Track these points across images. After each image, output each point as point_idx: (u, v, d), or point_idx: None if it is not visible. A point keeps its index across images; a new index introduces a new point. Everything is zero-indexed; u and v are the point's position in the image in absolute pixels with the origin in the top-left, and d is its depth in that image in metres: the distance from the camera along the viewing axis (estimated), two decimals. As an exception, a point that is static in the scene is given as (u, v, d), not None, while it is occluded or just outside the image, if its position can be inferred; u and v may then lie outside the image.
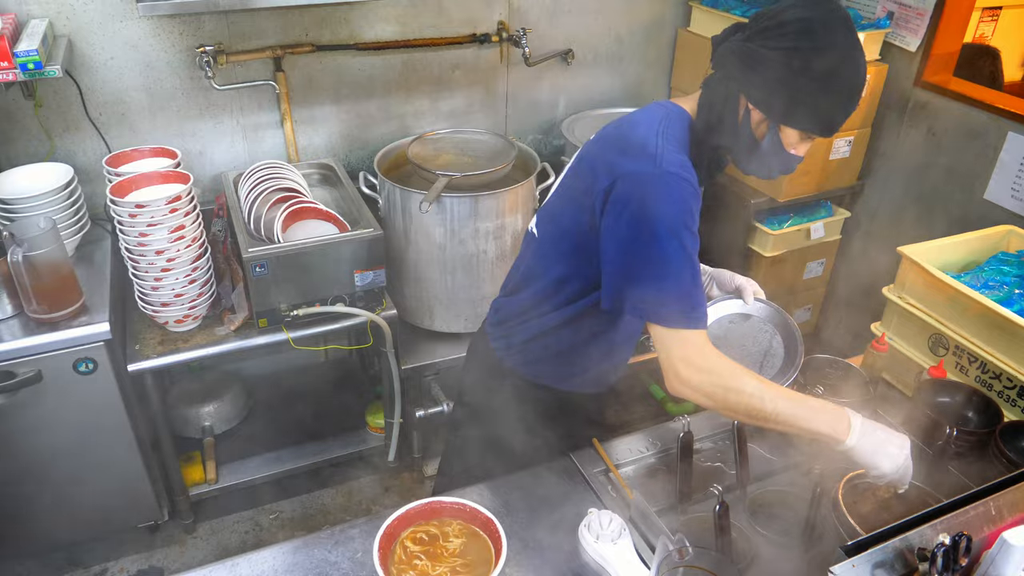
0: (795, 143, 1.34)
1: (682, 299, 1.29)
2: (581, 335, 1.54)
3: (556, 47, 3.02)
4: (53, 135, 2.48)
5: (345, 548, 1.40)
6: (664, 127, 1.36)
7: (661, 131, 1.34)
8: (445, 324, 2.66)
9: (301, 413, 2.93)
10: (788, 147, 1.33)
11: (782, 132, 1.32)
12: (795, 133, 1.32)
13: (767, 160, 1.36)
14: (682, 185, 1.29)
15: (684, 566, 1.23)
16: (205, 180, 2.75)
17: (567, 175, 1.52)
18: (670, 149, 1.32)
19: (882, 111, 2.99)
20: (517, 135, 3.15)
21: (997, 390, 1.77)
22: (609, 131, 1.45)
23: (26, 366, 2.06)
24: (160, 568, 2.57)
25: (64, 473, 2.27)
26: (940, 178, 2.85)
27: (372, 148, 2.87)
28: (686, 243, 1.29)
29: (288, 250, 2.24)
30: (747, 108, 1.32)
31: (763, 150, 1.34)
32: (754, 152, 1.36)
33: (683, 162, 1.32)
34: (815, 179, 3.00)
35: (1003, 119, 2.60)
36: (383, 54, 2.77)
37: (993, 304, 1.77)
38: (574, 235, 1.44)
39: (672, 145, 1.33)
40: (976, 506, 1.13)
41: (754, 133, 1.34)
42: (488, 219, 2.44)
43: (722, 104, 1.35)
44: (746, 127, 1.34)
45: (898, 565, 1.06)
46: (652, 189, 1.29)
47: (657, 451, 1.67)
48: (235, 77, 2.61)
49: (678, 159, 1.31)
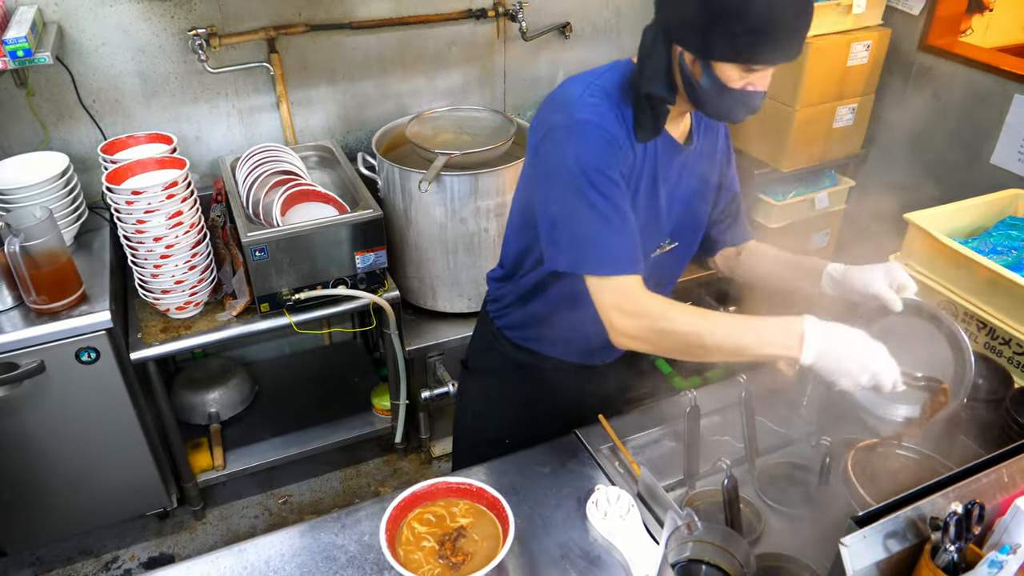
0: (736, 78, 1.22)
1: (603, 245, 1.27)
2: (551, 300, 1.52)
3: (553, 21, 2.98)
4: (47, 123, 2.46)
5: (352, 531, 1.40)
6: (595, 79, 1.33)
7: (588, 84, 1.32)
8: (448, 304, 2.65)
9: (307, 397, 2.93)
10: (732, 83, 1.22)
11: (716, 68, 1.22)
12: (728, 66, 1.20)
13: (720, 102, 1.26)
14: (591, 130, 1.26)
15: (693, 541, 1.22)
16: (202, 165, 2.73)
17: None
18: (589, 100, 1.29)
19: (885, 77, 2.95)
20: (515, 111, 3.12)
21: (1007, 356, 1.75)
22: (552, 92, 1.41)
23: (28, 357, 2.05)
24: (171, 555, 2.59)
25: (71, 463, 2.27)
26: (946, 143, 2.82)
27: (370, 129, 2.84)
28: (603, 189, 1.26)
29: (287, 233, 2.22)
30: (679, 51, 1.26)
31: (706, 91, 1.25)
32: (702, 95, 1.27)
33: (599, 109, 1.28)
34: (818, 148, 2.96)
35: (1009, 81, 2.56)
36: (378, 32, 2.74)
37: (1002, 269, 1.74)
38: (526, 202, 1.44)
39: (594, 95, 1.30)
40: (988, 473, 1.12)
41: (692, 74, 1.26)
42: (488, 197, 2.41)
43: (652, 48, 1.29)
44: (684, 70, 1.26)
45: (910, 535, 1.05)
46: (562, 139, 1.28)
47: (664, 426, 1.66)
48: (229, 60, 2.57)
49: (593, 107, 1.28)
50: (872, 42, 2.81)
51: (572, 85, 1.34)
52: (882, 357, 1.22)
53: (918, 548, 1.06)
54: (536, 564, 1.33)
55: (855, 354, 1.21)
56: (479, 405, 1.78)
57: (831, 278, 1.48)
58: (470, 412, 1.82)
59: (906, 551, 1.05)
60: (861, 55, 2.82)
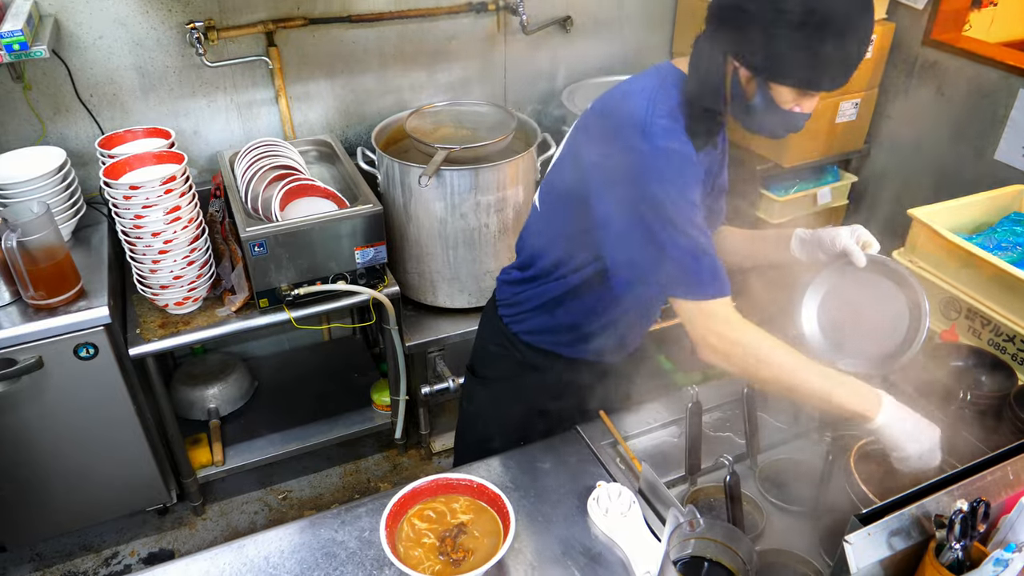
0: (790, 100, 1.25)
1: (697, 272, 1.28)
2: (585, 307, 1.53)
3: (554, 14, 2.96)
4: (44, 118, 2.44)
5: (352, 527, 1.39)
6: (655, 95, 1.31)
7: (652, 100, 1.30)
8: (449, 300, 2.63)
9: (306, 393, 2.92)
10: (783, 104, 1.25)
11: (772, 89, 1.24)
12: (786, 89, 1.24)
13: (765, 119, 1.28)
14: (675, 158, 1.26)
15: (695, 537, 1.21)
16: (201, 160, 2.71)
17: (565, 148, 1.50)
18: (661, 122, 1.27)
19: (889, 72, 2.93)
20: (516, 106, 3.10)
21: (1011, 352, 1.73)
22: (602, 103, 1.41)
23: (26, 353, 2.04)
24: (171, 550, 2.58)
25: (70, 459, 2.26)
26: (949, 139, 2.80)
27: (369, 123, 2.83)
28: (691, 216, 1.27)
29: (287, 228, 2.21)
30: (735, 66, 1.26)
31: (756, 109, 1.27)
32: (750, 112, 1.28)
33: (675, 132, 1.27)
34: (821, 143, 2.95)
35: (1014, 76, 2.53)
36: (377, 26, 2.72)
37: (1006, 265, 1.73)
38: (573, 209, 1.42)
39: (663, 115, 1.28)
40: (993, 471, 1.11)
41: (745, 91, 1.27)
42: (489, 192, 2.40)
43: (708, 63, 1.28)
44: (736, 86, 1.27)
45: (914, 532, 1.04)
46: (647, 167, 1.26)
47: (665, 422, 1.65)
48: (227, 54, 2.56)
49: (669, 131, 1.27)
50: (876, 36, 2.80)
51: (631, 101, 1.32)
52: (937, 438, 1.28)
53: (922, 546, 1.05)
54: (537, 561, 1.32)
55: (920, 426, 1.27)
56: (490, 412, 1.76)
57: (800, 239, 1.53)
58: (480, 419, 1.79)
59: (910, 549, 1.04)
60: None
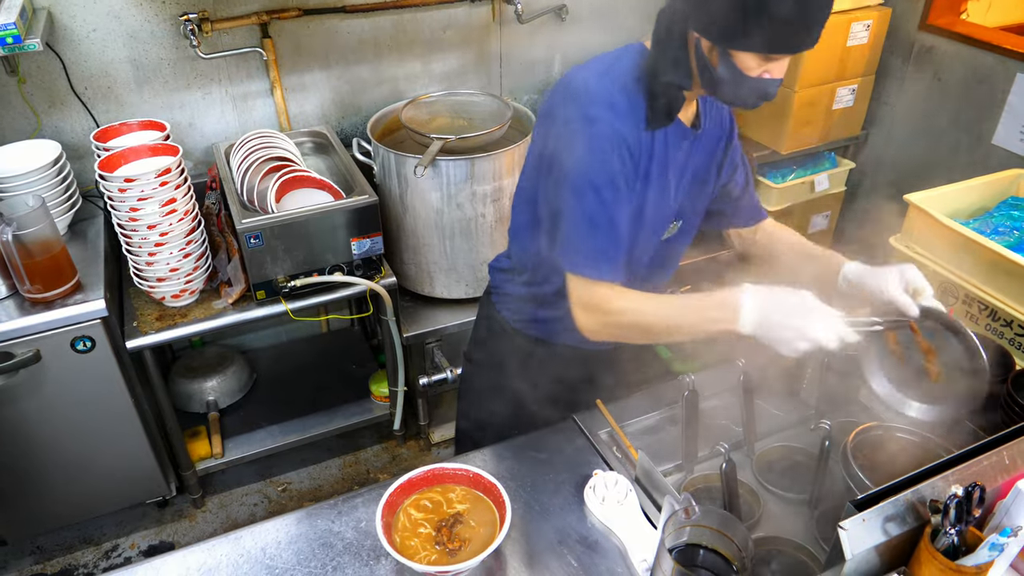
0: (755, 66, 1.21)
1: (590, 248, 1.29)
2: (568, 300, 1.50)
3: (549, 2, 2.94)
4: (39, 111, 2.43)
5: (349, 518, 1.39)
6: (607, 67, 1.30)
7: (601, 72, 1.30)
8: (446, 290, 2.63)
9: (305, 385, 2.92)
10: (749, 71, 1.21)
11: (735, 57, 1.20)
12: (748, 55, 1.20)
13: (734, 88, 1.24)
14: (600, 129, 1.25)
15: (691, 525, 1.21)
16: (196, 152, 2.70)
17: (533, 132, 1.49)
18: (604, 93, 1.27)
19: (886, 57, 2.91)
20: (512, 95, 3.09)
21: (1008, 338, 1.73)
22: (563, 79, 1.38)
23: (23, 346, 2.04)
24: (171, 543, 2.59)
25: (70, 452, 2.26)
26: (947, 124, 2.79)
27: (365, 114, 2.82)
28: (603, 194, 1.26)
29: (282, 220, 2.20)
30: (696, 37, 1.23)
31: (723, 79, 1.23)
32: (717, 82, 1.24)
33: (611, 102, 1.26)
34: (818, 130, 2.94)
35: (1011, 60, 2.53)
36: (372, 16, 2.70)
37: (1004, 250, 1.73)
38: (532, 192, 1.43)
39: (611, 87, 1.27)
40: (989, 456, 1.11)
41: (709, 61, 1.23)
42: (485, 182, 2.39)
43: (668, 35, 1.26)
44: (701, 57, 1.24)
45: (910, 518, 1.04)
46: (574, 138, 1.27)
47: (662, 410, 1.65)
48: (221, 45, 2.55)
49: (604, 100, 1.26)
50: (872, 22, 2.78)
51: (584, 73, 1.32)
52: (818, 319, 1.18)
53: (918, 531, 1.05)
54: (533, 550, 1.32)
55: (790, 321, 1.18)
56: (487, 397, 1.76)
57: (847, 279, 1.44)
58: (477, 405, 1.79)
59: (906, 534, 1.04)
60: (861, 35, 2.79)
